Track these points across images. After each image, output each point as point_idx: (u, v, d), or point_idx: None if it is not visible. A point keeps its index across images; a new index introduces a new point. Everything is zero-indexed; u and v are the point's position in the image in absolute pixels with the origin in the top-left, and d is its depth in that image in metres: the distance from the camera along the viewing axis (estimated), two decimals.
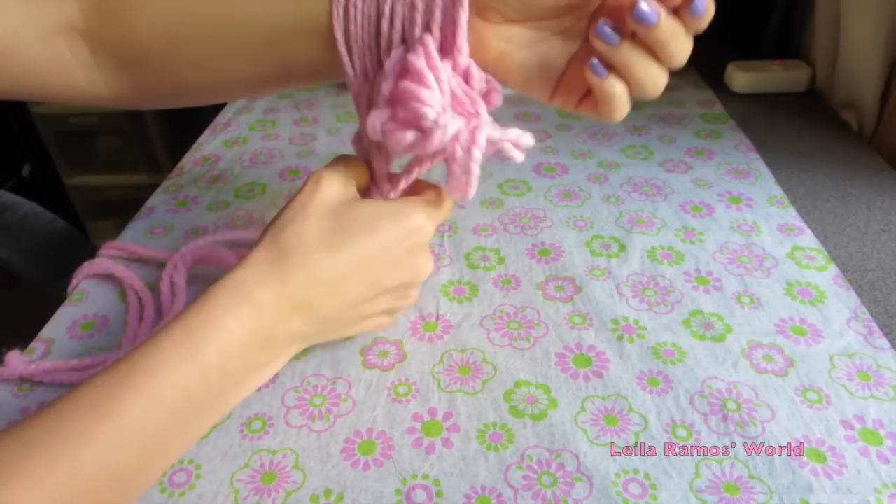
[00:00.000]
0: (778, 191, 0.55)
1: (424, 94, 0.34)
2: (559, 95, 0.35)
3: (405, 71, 0.35)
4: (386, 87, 0.35)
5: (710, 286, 0.45)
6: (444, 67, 0.35)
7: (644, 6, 0.30)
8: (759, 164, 0.59)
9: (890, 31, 0.60)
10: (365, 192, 0.39)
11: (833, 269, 0.46)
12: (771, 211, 0.53)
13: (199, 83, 0.42)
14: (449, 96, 0.35)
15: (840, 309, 0.43)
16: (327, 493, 0.33)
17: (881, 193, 0.54)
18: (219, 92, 0.44)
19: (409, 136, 0.35)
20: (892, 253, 0.48)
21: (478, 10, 0.34)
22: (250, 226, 0.54)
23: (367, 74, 0.37)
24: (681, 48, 0.32)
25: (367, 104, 0.38)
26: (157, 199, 0.58)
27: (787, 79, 0.71)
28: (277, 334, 0.33)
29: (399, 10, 0.35)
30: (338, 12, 0.36)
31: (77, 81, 0.43)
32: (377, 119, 0.35)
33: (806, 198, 0.54)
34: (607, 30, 0.31)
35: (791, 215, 0.52)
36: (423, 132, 0.35)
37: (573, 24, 0.34)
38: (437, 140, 0.34)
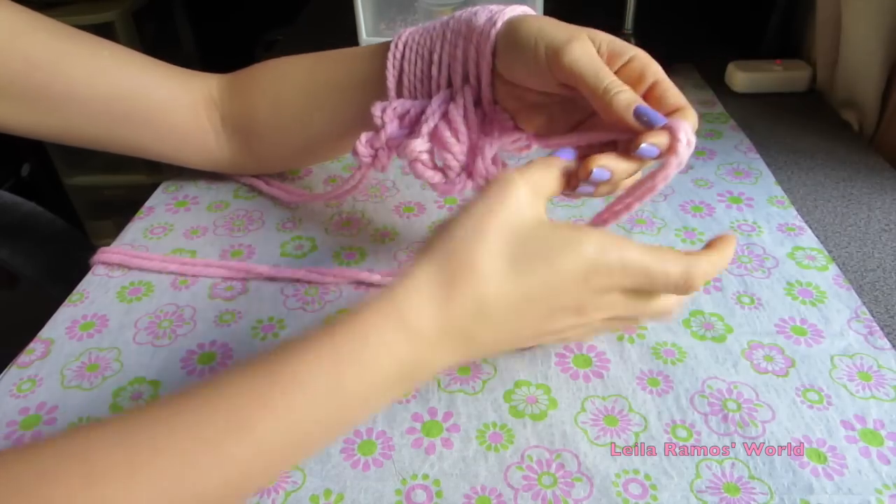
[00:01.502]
0: (778, 191, 0.55)
1: (455, 147, 0.41)
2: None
3: (446, 116, 0.41)
4: (427, 126, 0.41)
5: (711, 286, 0.45)
6: (474, 122, 0.41)
7: (596, 172, 0.33)
8: (760, 164, 0.59)
9: (890, 31, 0.60)
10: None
11: (833, 269, 0.46)
12: (771, 211, 0.53)
13: (296, 142, 0.51)
14: (476, 149, 0.42)
15: (841, 309, 0.43)
16: (327, 493, 0.33)
17: (882, 193, 0.54)
18: (310, 150, 0.53)
19: (437, 177, 0.42)
20: (893, 253, 0.48)
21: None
22: (250, 225, 0.54)
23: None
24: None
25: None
26: (156, 199, 0.58)
27: (787, 79, 0.71)
28: (427, 367, 0.31)
29: (445, 60, 0.42)
30: (392, 72, 0.43)
31: (209, 146, 0.53)
32: (417, 147, 0.41)
33: (806, 198, 0.54)
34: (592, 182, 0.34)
35: (791, 215, 0.52)
36: (448, 179, 0.42)
37: (578, 97, 0.37)
38: (456, 190, 0.42)
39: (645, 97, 0.36)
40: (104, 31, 1.32)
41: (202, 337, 0.43)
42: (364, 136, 0.43)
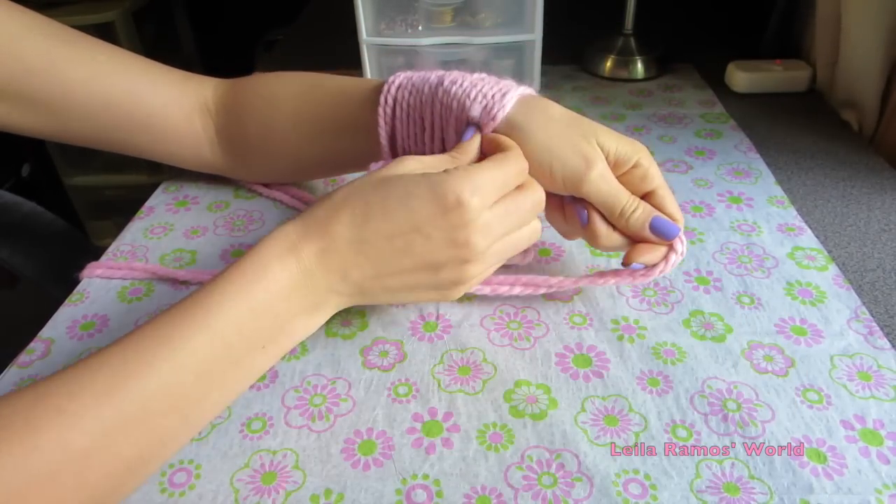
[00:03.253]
0: (778, 191, 0.55)
1: None
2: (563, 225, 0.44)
3: None
4: None
5: (711, 286, 0.45)
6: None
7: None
8: (760, 164, 0.59)
9: (890, 31, 0.60)
10: None
11: (833, 269, 0.46)
12: (771, 211, 0.53)
13: (285, 166, 0.53)
14: None
15: (840, 309, 0.43)
16: (327, 493, 0.33)
17: (881, 193, 0.54)
18: (299, 173, 0.55)
19: None
20: (893, 253, 0.48)
21: None
22: (250, 225, 0.54)
23: None
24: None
25: None
26: (156, 199, 0.58)
27: (787, 79, 0.71)
28: (318, 284, 0.35)
29: (438, 134, 0.43)
30: (384, 121, 0.44)
31: (204, 152, 0.53)
32: None
33: (806, 198, 0.54)
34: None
35: (791, 215, 0.52)
36: None
37: None
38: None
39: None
40: (104, 31, 1.32)
41: None
42: None
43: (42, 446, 0.27)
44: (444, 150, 0.43)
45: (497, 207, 0.36)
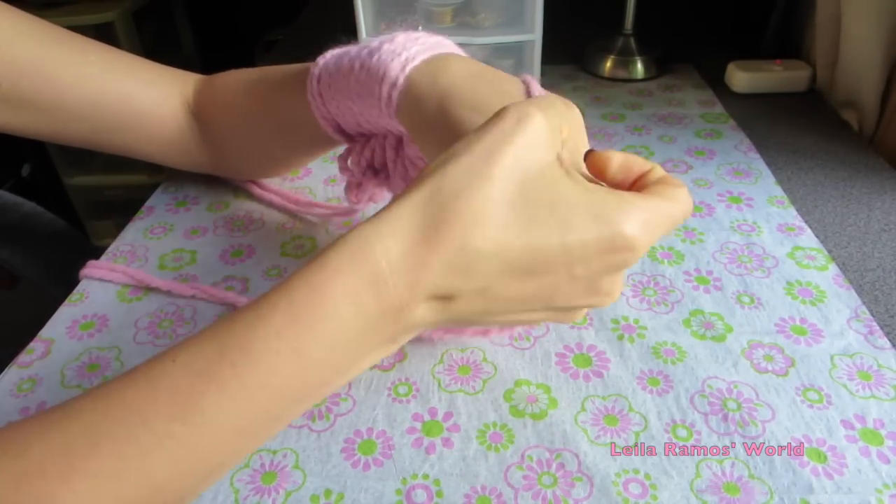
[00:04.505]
0: (778, 191, 0.55)
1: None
2: None
3: (404, 165, 0.41)
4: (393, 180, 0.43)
5: (711, 286, 0.45)
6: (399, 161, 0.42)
7: None
8: (760, 164, 0.59)
9: (890, 31, 0.60)
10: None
11: (833, 269, 0.46)
12: (771, 211, 0.53)
13: (260, 160, 0.53)
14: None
15: (840, 309, 0.43)
16: (327, 493, 0.33)
17: (881, 193, 0.54)
18: (280, 167, 0.55)
19: None
20: (893, 253, 0.48)
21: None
22: (250, 225, 0.54)
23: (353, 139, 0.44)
24: None
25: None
26: (156, 199, 0.58)
27: (787, 79, 0.71)
28: (400, 325, 0.26)
29: (364, 116, 0.40)
30: (327, 124, 0.42)
31: (192, 149, 0.53)
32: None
33: (806, 198, 0.54)
34: None
35: (791, 215, 0.52)
36: None
37: None
38: None
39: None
40: (104, 31, 1.32)
41: None
42: (352, 194, 0.45)
43: None
44: (380, 128, 0.40)
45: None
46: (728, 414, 0.36)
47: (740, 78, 0.72)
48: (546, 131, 0.27)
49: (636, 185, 0.29)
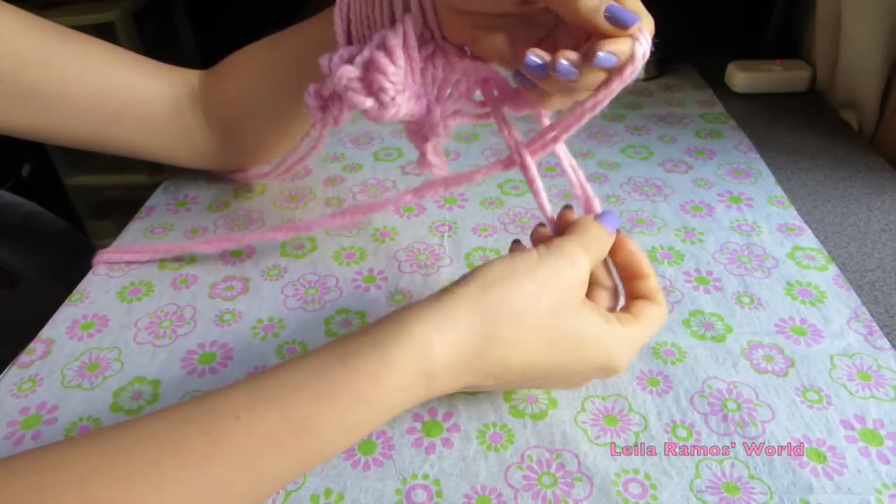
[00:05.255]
0: (778, 191, 0.55)
1: (390, 69, 0.37)
2: None
3: (382, 44, 0.37)
4: (361, 57, 0.37)
5: (711, 286, 0.45)
6: (415, 49, 0.37)
7: (534, 58, 0.32)
8: (760, 164, 0.59)
9: (890, 31, 0.60)
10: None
11: (833, 269, 0.46)
12: (771, 211, 0.53)
13: (270, 125, 0.51)
14: (415, 76, 0.38)
15: (840, 309, 0.43)
16: (327, 493, 0.33)
17: (881, 193, 0.54)
18: (287, 131, 0.52)
19: (368, 102, 0.38)
20: (893, 253, 0.48)
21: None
22: (250, 225, 0.54)
23: None
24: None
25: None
26: (156, 199, 0.58)
27: (787, 79, 0.71)
28: (438, 393, 0.32)
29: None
30: (340, 25, 0.40)
31: (195, 141, 0.53)
32: (346, 73, 0.37)
33: (806, 198, 0.54)
34: (536, 61, 0.32)
35: (791, 215, 0.52)
36: (381, 104, 0.38)
37: (537, 13, 0.35)
38: (389, 116, 0.38)
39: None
40: (104, 31, 1.32)
41: (202, 337, 0.43)
42: (312, 87, 0.40)
43: None
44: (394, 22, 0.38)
45: None
46: (728, 414, 0.36)
47: (740, 78, 0.72)
48: (586, 273, 0.33)
49: (631, 277, 0.36)
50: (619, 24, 0.31)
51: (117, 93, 0.48)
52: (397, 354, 0.29)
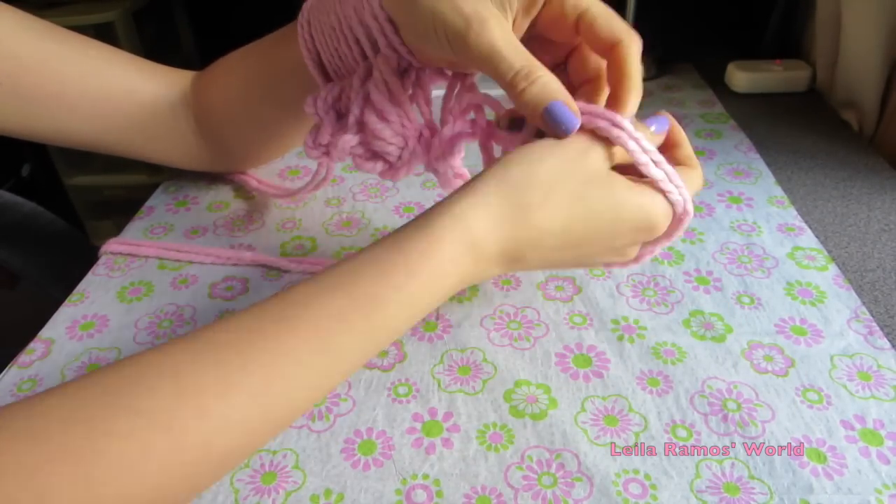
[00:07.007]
0: (778, 191, 0.55)
1: (386, 132, 0.38)
2: None
3: (367, 99, 0.37)
4: (353, 116, 0.38)
5: (711, 286, 0.45)
6: (400, 92, 0.37)
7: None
8: (760, 164, 0.59)
9: (890, 31, 0.60)
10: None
11: (833, 269, 0.46)
12: (771, 211, 0.53)
13: (255, 134, 0.52)
14: (410, 116, 0.38)
15: (840, 309, 0.43)
16: (327, 493, 0.33)
17: (881, 193, 0.54)
18: (273, 139, 0.53)
19: (378, 167, 0.39)
20: (893, 253, 0.48)
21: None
22: (250, 225, 0.54)
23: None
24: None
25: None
26: (156, 199, 0.58)
27: (787, 79, 0.71)
28: (479, 278, 0.34)
29: (349, 35, 0.38)
30: (309, 58, 0.40)
31: (190, 143, 0.53)
32: (346, 144, 0.38)
33: (806, 198, 0.54)
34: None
35: (791, 215, 0.52)
36: (390, 164, 0.39)
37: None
38: (404, 174, 0.40)
39: (577, 29, 0.35)
40: (104, 31, 1.32)
41: None
42: (309, 137, 0.41)
43: (186, 449, 0.27)
44: (365, 58, 0.38)
45: None
46: (728, 414, 0.36)
47: (740, 78, 0.72)
48: (606, 151, 0.34)
49: (665, 148, 0.37)
50: (558, 127, 0.33)
51: (115, 95, 0.48)
52: (440, 231, 0.32)
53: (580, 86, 0.38)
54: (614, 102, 0.35)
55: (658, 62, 0.77)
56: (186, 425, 0.27)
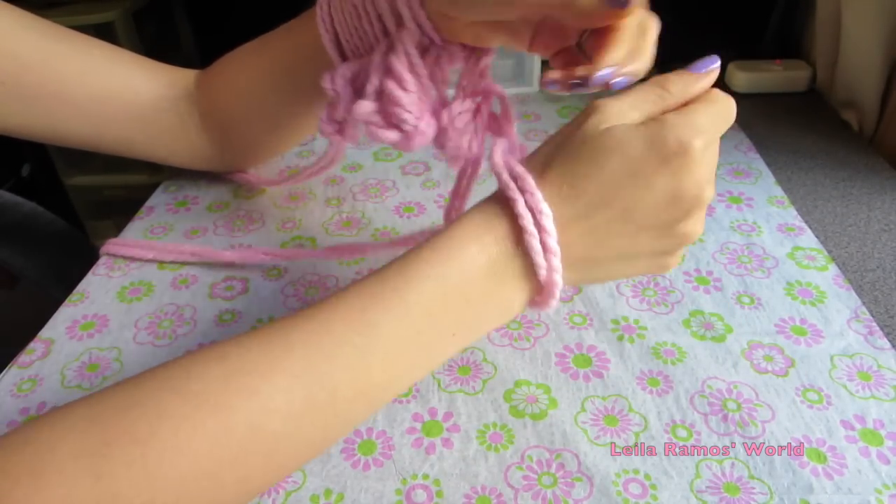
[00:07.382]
0: (778, 191, 0.55)
1: (405, 99, 0.37)
2: (536, 50, 0.38)
3: (388, 69, 0.37)
4: (371, 85, 0.38)
5: (711, 286, 0.45)
6: (420, 66, 0.37)
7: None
8: (760, 164, 0.59)
9: (890, 31, 0.60)
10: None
11: (833, 269, 0.46)
12: (771, 211, 0.53)
13: (264, 127, 0.51)
14: (427, 92, 0.38)
15: (840, 309, 0.43)
16: (327, 493, 0.33)
17: (882, 193, 0.54)
18: (282, 132, 0.52)
19: (393, 135, 0.38)
20: (893, 253, 0.48)
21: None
22: (250, 225, 0.54)
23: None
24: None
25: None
26: (156, 199, 0.58)
27: (787, 78, 0.71)
28: (517, 267, 0.32)
29: (371, 10, 0.38)
30: (328, 38, 0.40)
31: (193, 142, 0.53)
32: (363, 110, 0.38)
33: (806, 198, 0.54)
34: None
35: (791, 215, 0.52)
36: (405, 135, 0.38)
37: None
38: (417, 144, 0.39)
39: None
40: (104, 31, 1.32)
41: (202, 337, 0.43)
42: (324, 113, 0.41)
43: (234, 429, 0.27)
44: (387, 34, 0.38)
45: (713, 146, 0.32)
46: (728, 414, 0.36)
47: (740, 78, 0.72)
48: (616, 110, 0.32)
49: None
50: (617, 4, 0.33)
51: (117, 94, 0.48)
52: (456, 222, 0.32)
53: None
54: (597, 50, 0.34)
55: (658, 62, 0.76)
56: (233, 405, 0.27)
